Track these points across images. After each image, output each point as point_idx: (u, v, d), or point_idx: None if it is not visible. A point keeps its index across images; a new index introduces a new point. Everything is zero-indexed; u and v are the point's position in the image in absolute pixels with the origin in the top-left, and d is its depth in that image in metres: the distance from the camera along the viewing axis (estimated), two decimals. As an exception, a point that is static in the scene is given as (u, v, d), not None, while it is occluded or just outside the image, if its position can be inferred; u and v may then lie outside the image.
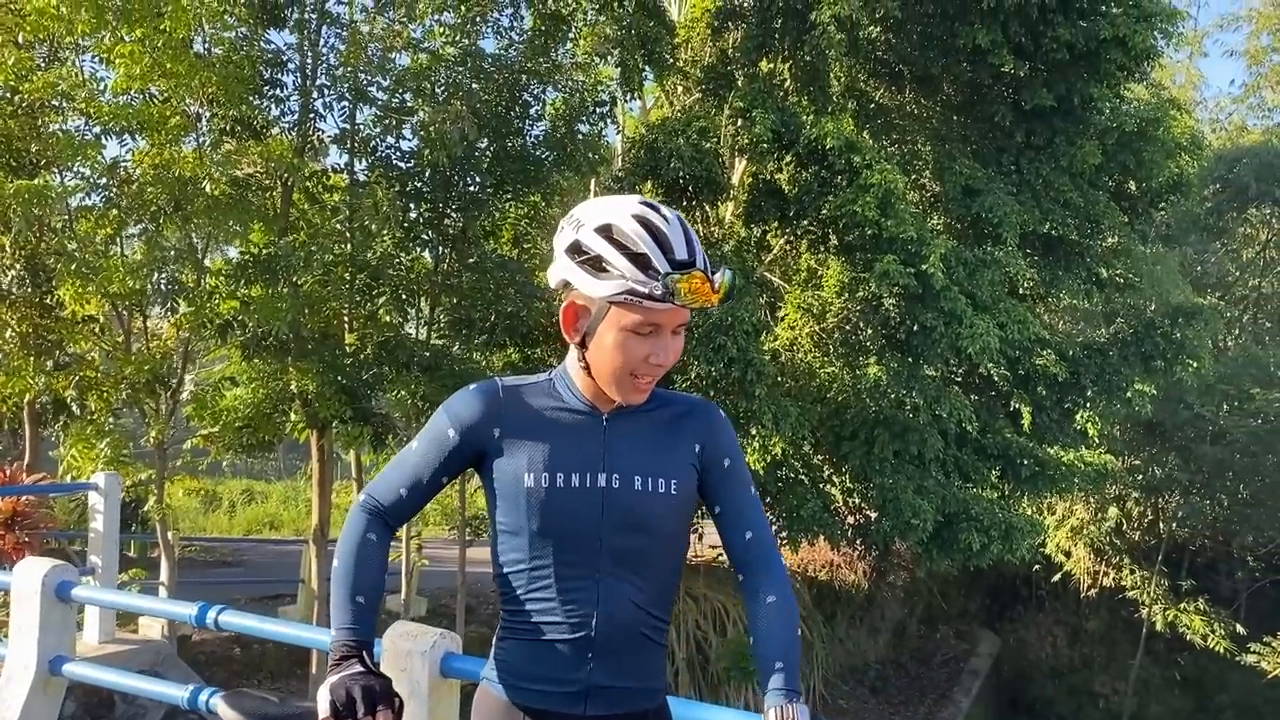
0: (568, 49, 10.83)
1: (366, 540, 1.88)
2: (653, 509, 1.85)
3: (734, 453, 1.98)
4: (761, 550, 1.95)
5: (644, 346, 1.78)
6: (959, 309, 10.39)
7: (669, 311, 1.75)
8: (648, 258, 1.73)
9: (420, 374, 9.43)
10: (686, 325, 1.84)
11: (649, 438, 1.90)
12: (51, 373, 8.67)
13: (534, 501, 1.80)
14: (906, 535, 11.62)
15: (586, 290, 1.78)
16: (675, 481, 1.88)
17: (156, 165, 8.11)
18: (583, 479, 1.83)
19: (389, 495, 1.92)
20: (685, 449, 1.92)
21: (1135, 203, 13.47)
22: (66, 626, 3.31)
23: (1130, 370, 13.36)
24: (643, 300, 1.72)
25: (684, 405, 1.98)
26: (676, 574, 1.96)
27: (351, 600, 1.82)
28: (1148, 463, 19.83)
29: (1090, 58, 11.48)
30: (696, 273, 1.73)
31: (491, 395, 1.88)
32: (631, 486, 1.84)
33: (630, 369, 1.80)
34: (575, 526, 1.81)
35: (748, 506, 1.97)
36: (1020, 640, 21.57)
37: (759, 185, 11.89)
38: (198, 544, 17.12)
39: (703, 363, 10.23)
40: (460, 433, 1.87)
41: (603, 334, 1.80)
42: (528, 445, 1.84)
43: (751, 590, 1.93)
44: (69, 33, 7.63)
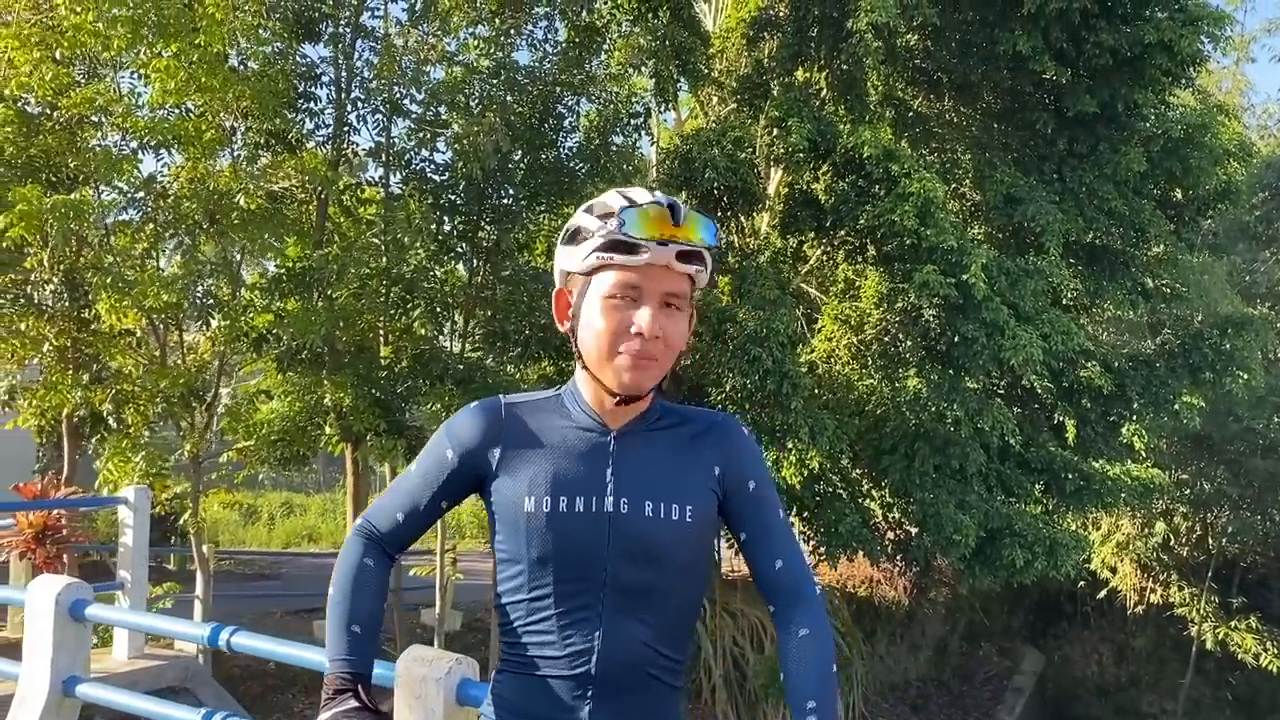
0: (602, 60, 10.79)
1: (363, 566, 1.77)
2: (664, 538, 1.68)
3: (759, 473, 1.81)
4: (794, 579, 1.78)
5: (625, 314, 1.64)
6: (1001, 320, 10.17)
7: (646, 270, 1.63)
8: (612, 209, 1.65)
9: (454, 387, 9.38)
10: (681, 298, 1.68)
11: (662, 458, 1.74)
12: (88, 386, 8.70)
13: (533, 527, 1.66)
14: (948, 551, 11.37)
15: (567, 266, 1.71)
16: (691, 508, 1.71)
17: (192, 179, 8.15)
18: (587, 503, 1.67)
19: (386, 521, 1.82)
20: (703, 471, 1.76)
21: (1182, 211, 13.16)
22: (81, 646, 3.25)
23: (1178, 382, 13.05)
24: (613, 256, 1.63)
25: (702, 422, 1.82)
26: (693, 610, 1.79)
27: (347, 630, 1.71)
28: (1196, 477, 19.39)
29: (1134, 63, 11.24)
30: (654, 205, 1.64)
31: (493, 414, 1.76)
32: (641, 512, 1.68)
33: (613, 340, 1.65)
34: (577, 555, 1.66)
35: (777, 532, 1.80)
36: (1065, 658, 21.15)
37: (795, 195, 11.74)
38: (237, 557, 17.22)
39: (737, 375, 10.08)
40: (459, 454, 1.75)
41: (586, 311, 1.69)
42: (529, 467, 1.70)
43: (783, 622, 1.77)
44: (106, 48, 7.67)
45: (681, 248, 1.64)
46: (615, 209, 1.65)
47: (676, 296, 1.67)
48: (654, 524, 1.68)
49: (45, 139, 8.28)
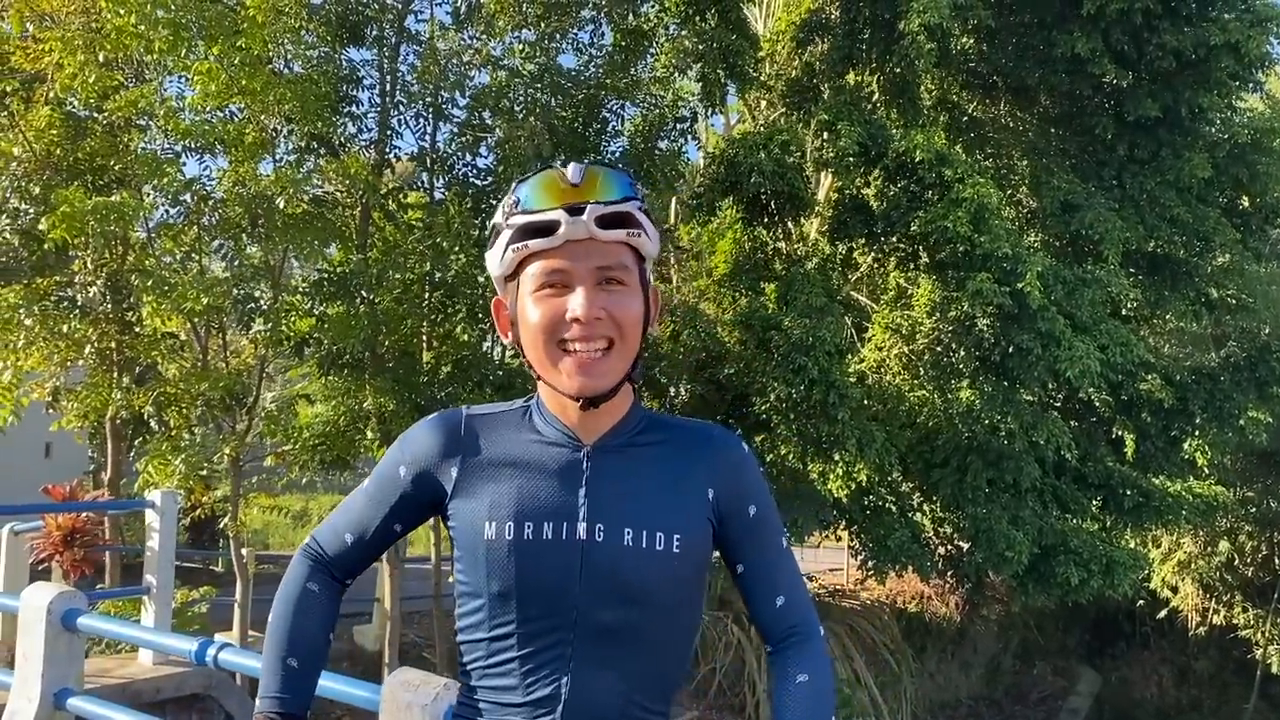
0: (648, 64, 10.66)
1: (306, 592, 1.56)
2: (646, 572, 1.43)
3: (760, 497, 1.56)
4: (795, 619, 1.56)
5: (557, 302, 1.43)
6: (1057, 330, 9.85)
7: (569, 250, 1.41)
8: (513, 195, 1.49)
9: (493, 393, 9.28)
10: (621, 271, 1.44)
11: (645, 477, 1.49)
12: (130, 388, 8.73)
13: (494, 557, 1.42)
14: (1000, 568, 11.05)
15: (493, 271, 1.52)
16: (679, 536, 1.45)
17: (235, 183, 8.13)
18: (556, 530, 1.43)
19: (333, 542, 1.61)
20: (695, 493, 1.50)
21: (1249, 219, 12.72)
22: (74, 658, 3.14)
23: (1243, 396, 12.62)
24: (527, 243, 1.43)
25: (693, 435, 1.56)
26: (680, 656, 1.53)
27: (282, 663, 1.51)
28: (1262, 494, 18.78)
29: (1199, 65, 10.88)
30: (545, 170, 1.46)
31: (451, 426, 1.54)
32: (619, 541, 1.43)
33: (550, 334, 1.43)
34: (544, 590, 1.42)
35: (777, 565, 1.57)
36: (1123, 679, 20.59)
37: (845, 201, 11.51)
38: (281, 562, 17.30)
39: (782, 384, 9.88)
40: (412, 472, 1.53)
41: (520, 313, 1.47)
42: (490, 487, 1.47)
43: (780, 665, 1.54)
44: (148, 51, 7.68)
45: (601, 211, 1.42)
46: (514, 191, 1.49)
47: (614, 269, 1.44)
48: (634, 555, 1.43)
49: (90, 142, 8.33)
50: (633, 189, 1.47)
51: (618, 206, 1.44)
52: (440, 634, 10.80)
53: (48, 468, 15.10)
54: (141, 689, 5.18)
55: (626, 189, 1.46)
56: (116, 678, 5.19)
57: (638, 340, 1.47)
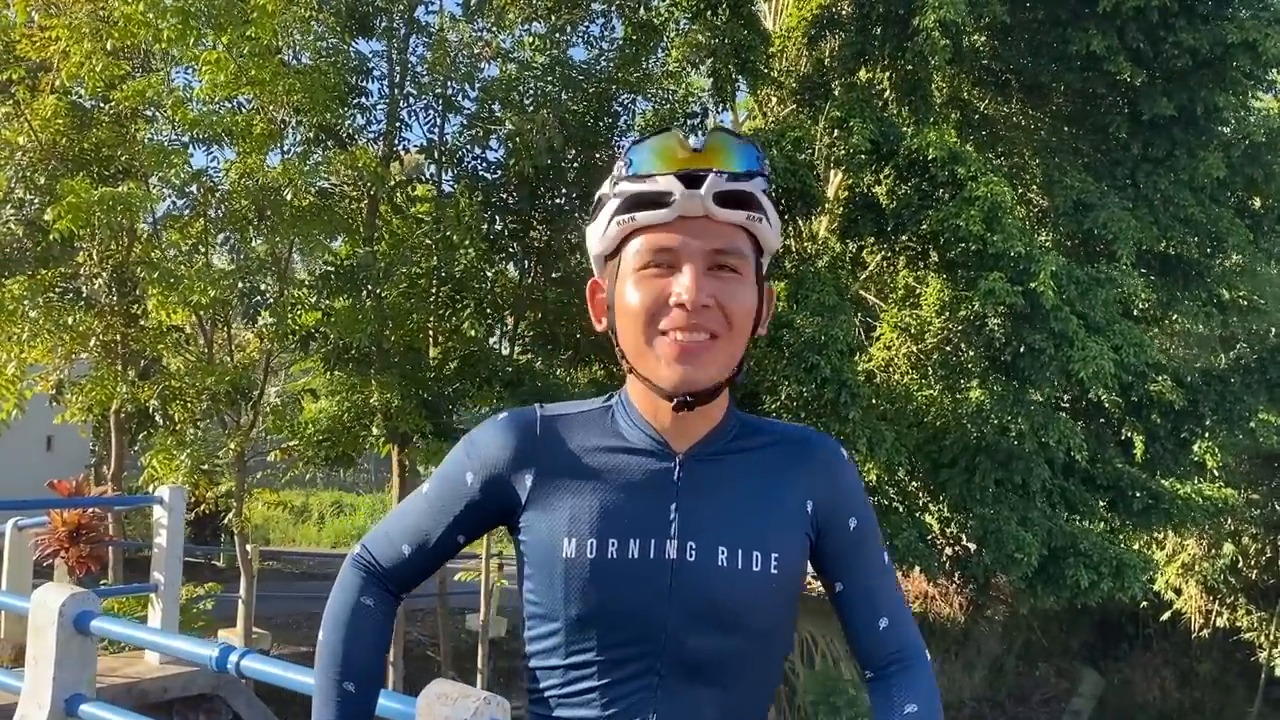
0: (659, 58, 10.57)
1: (361, 607, 1.40)
2: (742, 595, 1.28)
3: (861, 509, 1.40)
4: (901, 643, 1.39)
5: (661, 283, 1.25)
6: (1070, 330, 9.75)
7: (681, 226, 1.24)
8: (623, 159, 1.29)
9: (502, 389, 9.21)
10: (736, 257, 1.26)
11: (741, 490, 1.33)
12: (135, 382, 8.63)
13: (574, 577, 1.27)
14: (1009, 569, 10.96)
15: (594, 248, 1.33)
16: (777, 555, 1.30)
17: (243, 174, 8.04)
18: (644, 548, 1.27)
19: (388, 554, 1.43)
20: (793, 507, 1.34)
21: (1260, 219, 12.62)
22: (86, 662, 3.03)
23: (1254, 399, 12.53)
24: (634, 216, 1.25)
25: (791, 441, 1.39)
26: (772, 685, 1.38)
27: (338, 688, 1.36)
28: (1267, 497, 18.73)
29: (1215, 64, 10.77)
30: (664, 132, 1.28)
31: (525, 429, 1.36)
32: (713, 562, 1.28)
33: (650, 318, 1.25)
34: (630, 615, 1.27)
35: (881, 584, 1.40)
36: (1126, 681, 20.52)
37: (855, 198, 11.41)
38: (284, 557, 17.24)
39: (794, 383, 9.78)
40: (482, 479, 1.35)
41: (619, 295, 1.29)
42: (569, 499, 1.30)
43: (883, 695, 1.37)
44: (156, 40, 7.58)
45: (722, 187, 1.23)
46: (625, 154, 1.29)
47: (729, 254, 1.26)
48: (729, 577, 1.28)
49: (97, 132, 8.23)
50: (760, 163, 1.28)
51: (741, 184, 1.25)
52: (445, 632, 10.72)
53: (49, 461, 15.01)
54: (148, 689, 5.08)
55: (754, 163, 1.27)
56: (123, 677, 5.09)
57: (746, 337, 1.29)
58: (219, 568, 14.74)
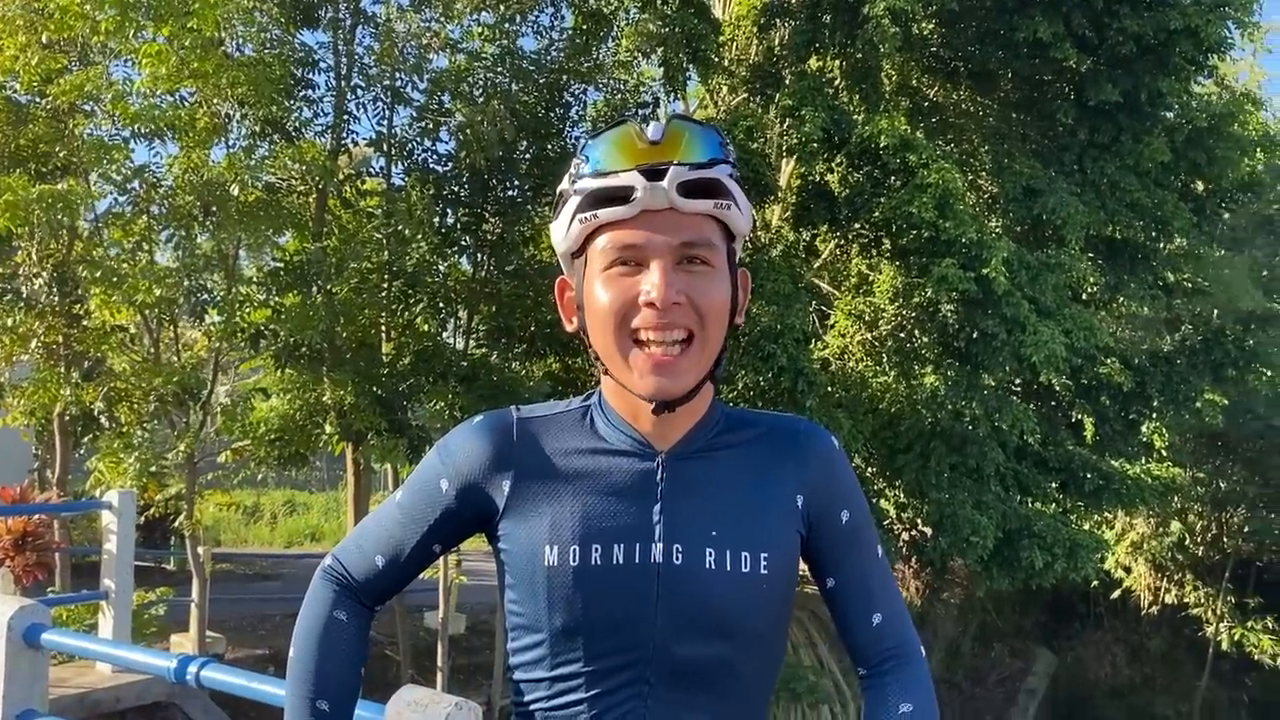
0: (609, 48, 10.49)
1: (334, 622, 1.33)
2: (732, 598, 1.24)
3: (853, 500, 1.35)
4: (895, 640, 1.35)
5: (631, 283, 1.21)
6: (1022, 315, 9.85)
7: (645, 220, 1.19)
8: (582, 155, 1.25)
9: (457, 385, 9.10)
10: (706, 249, 1.22)
11: (727, 487, 1.28)
12: (79, 384, 8.42)
13: (557, 585, 1.22)
14: (965, 553, 11.07)
15: (560, 243, 1.28)
16: (766, 555, 1.25)
17: (186, 170, 7.85)
18: (628, 553, 1.23)
19: (361, 566, 1.37)
20: (783, 502, 1.30)
21: (1204, 203, 12.85)
22: (37, 676, 2.92)
23: (1199, 379, 12.78)
24: (596, 212, 1.20)
25: (779, 433, 1.35)
26: (766, 693, 1.33)
27: (312, 707, 1.29)
28: (1213, 475, 19.13)
29: (1158, 50, 10.92)
30: (621, 125, 1.24)
31: (501, 432, 1.31)
32: (700, 564, 1.23)
33: (620, 320, 1.21)
34: (616, 624, 1.22)
35: (875, 579, 1.36)
36: (1078, 659, 20.88)
37: (808, 187, 11.43)
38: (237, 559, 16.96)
39: (750, 372, 9.79)
40: (457, 486, 1.30)
41: (587, 295, 1.25)
42: (550, 504, 1.26)
43: (878, 694, 1.32)
44: (94, 32, 7.36)
45: (686, 177, 1.19)
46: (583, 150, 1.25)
47: (697, 246, 1.21)
48: (718, 579, 1.23)
49: (33, 128, 7.99)
50: (723, 150, 1.24)
51: (705, 171, 1.21)
52: (403, 630, 10.60)
53: (-11, 466, 14.60)
54: (101, 699, 4.95)
55: (716, 149, 1.23)
56: (74, 688, 4.95)
57: (722, 332, 1.25)
58: (170, 571, 14.45)
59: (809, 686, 11.99)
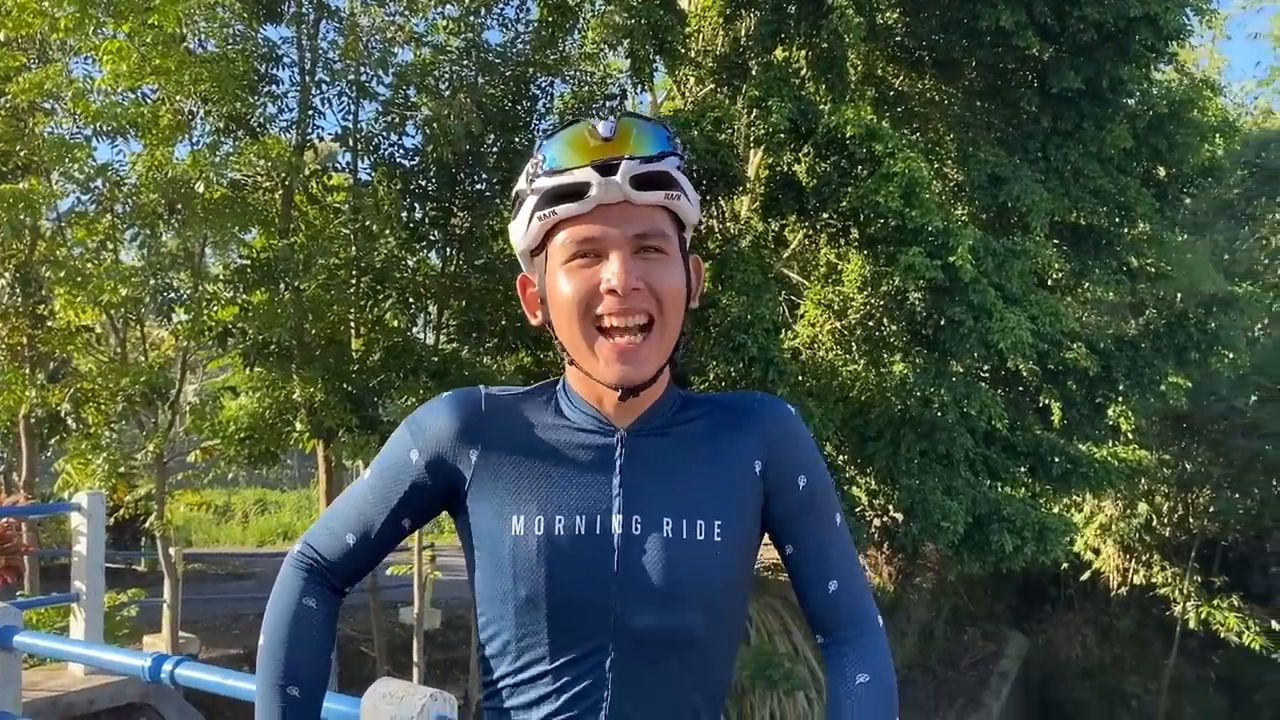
0: (575, 40, 10.48)
1: (302, 609, 1.35)
2: (689, 568, 1.27)
3: (812, 468, 1.39)
4: (852, 607, 1.38)
5: (591, 274, 1.27)
6: (989, 302, 9.94)
7: (601, 214, 1.26)
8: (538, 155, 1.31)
9: (428, 379, 9.08)
10: (661, 238, 1.28)
11: (684, 459, 1.33)
12: (45, 385, 8.33)
13: (521, 556, 1.26)
14: (936, 538, 11.17)
15: (518, 244, 1.36)
16: (720, 523, 1.29)
17: (150, 167, 7.78)
18: (590, 524, 1.27)
19: (331, 546, 1.39)
20: (739, 470, 1.34)
21: (1165, 189, 13.01)
22: (9, 678, 2.91)
23: (1163, 363, 12.94)
24: (554, 209, 1.27)
25: (735, 405, 1.40)
26: (729, 661, 1.38)
27: (282, 694, 1.31)
28: (1178, 457, 19.38)
29: (1119, 38, 11.04)
30: (574, 124, 1.30)
31: (470, 406, 1.35)
32: (658, 533, 1.27)
33: (584, 309, 1.27)
34: (577, 593, 1.26)
35: (833, 546, 1.39)
36: (1049, 641, 21.13)
37: (776, 177, 11.46)
38: (209, 559, 16.84)
39: (721, 362, 9.83)
40: (426, 457, 1.33)
41: (550, 289, 1.31)
42: (515, 477, 1.30)
43: (835, 662, 1.36)
44: (53, 29, 7.28)
45: (636, 170, 1.25)
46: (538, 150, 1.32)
47: (651, 236, 1.28)
48: (675, 548, 1.27)
49: (-8, 127, 7.89)
50: (671, 143, 1.30)
51: (655, 165, 1.27)
52: (378, 627, 10.58)
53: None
54: (74, 701, 4.92)
55: (664, 143, 1.29)
56: (46, 690, 4.91)
57: (680, 316, 1.31)
58: (141, 573, 14.34)
59: (784, 674, 12.08)
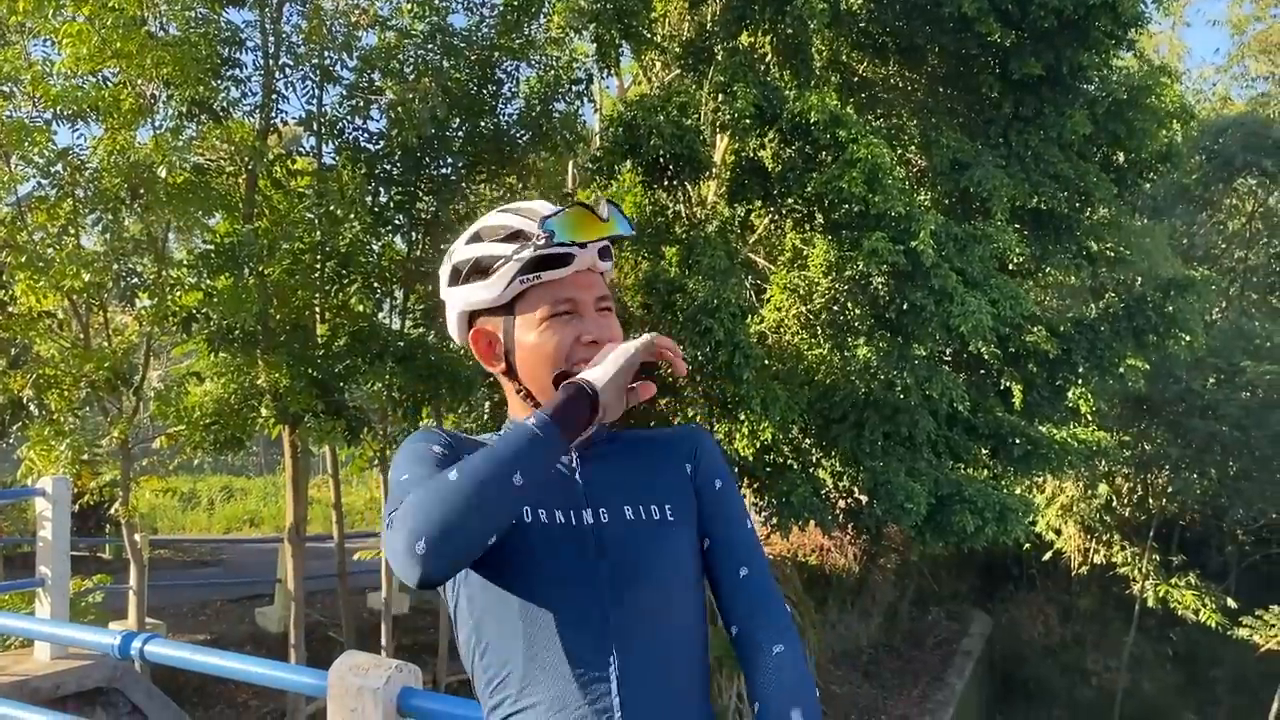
0: (541, 24, 10.46)
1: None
2: (653, 543, 1.51)
3: (724, 474, 1.66)
4: (761, 592, 1.57)
5: (570, 330, 1.52)
6: (950, 286, 10.07)
7: (575, 280, 1.52)
8: (521, 230, 1.53)
9: (394, 364, 9.08)
10: (609, 299, 1.57)
11: (630, 461, 1.60)
12: (6, 371, 8.27)
13: (518, 542, 1.44)
14: (900, 519, 11.32)
15: (483, 300, 1.54)
16: (670, 505, 1.55)
17: (112, 151, 7.72)
18: (567, 517, 1.50)
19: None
20: (675, 469, 1.62)
21: (1124, 174, 13.17)
22: (-23, 661, 2.94)
23: (1122, 345, 13.11)
24: (540, 274, 1.50)
25: (667, 432, 1.69)
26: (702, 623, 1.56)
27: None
28: (1137, 438, 19.69)
29: (1079, 25, 11.15)
30: (577, 208, 1.53)
31: (443, 434, 1.56)
32: (622, 519, 1.52)
33: (567, 358, 1.51)
34: (571, 571, 1.46)
35: (742, 538, 1.61)
36: (1012, 620, 21.47)
37: (741, 163, 11.52)
38: (175, 545, 16.75)
39: (688, 346, 9.88)
40: (443, 448, 1.51)
41: (523, 343, 1.53)
42: None
43: (749, 642, 1.52)
44: (11, 11, 7.21)
45: (601, 244, 1.54)
46: (526, 227, 1.52)
47: (605, 299, 1.57)
48: (639, 527, 1.52)
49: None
50: (632, 227, 1.62)
51: (619, 240, 1.57)
52: (346, 611, 10.60)
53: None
54: (40, 685, 4.91)
55: (630, 227, 1.57)
56: (11, 675, 4.91)
57: None
58: (105, 559, 14.27)
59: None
